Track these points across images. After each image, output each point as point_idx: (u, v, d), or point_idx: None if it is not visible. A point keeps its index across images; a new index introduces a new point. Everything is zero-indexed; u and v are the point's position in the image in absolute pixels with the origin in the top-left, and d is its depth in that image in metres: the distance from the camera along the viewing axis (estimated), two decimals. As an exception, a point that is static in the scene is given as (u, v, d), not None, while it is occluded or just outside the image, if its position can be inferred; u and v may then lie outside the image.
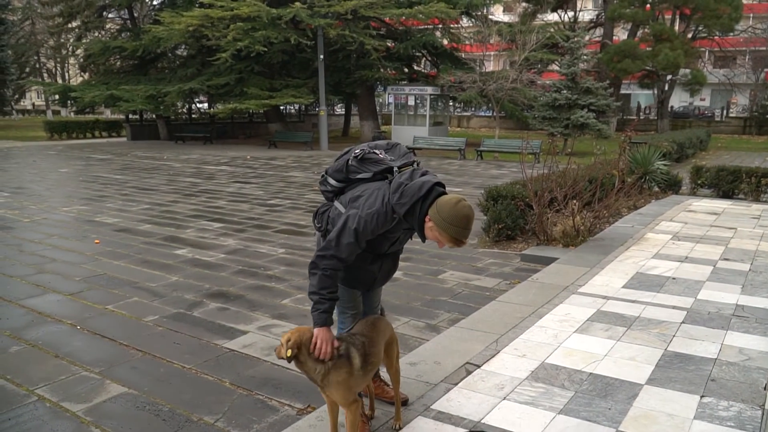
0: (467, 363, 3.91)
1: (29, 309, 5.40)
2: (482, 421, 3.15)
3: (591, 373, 3.70)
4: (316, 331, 2.72)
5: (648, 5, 27.61)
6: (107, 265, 6.89)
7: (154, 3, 32.76)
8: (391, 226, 2.77)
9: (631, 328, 4.46)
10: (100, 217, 9.89)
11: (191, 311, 5.35)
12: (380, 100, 39.70)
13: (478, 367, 3.83)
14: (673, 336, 4.29)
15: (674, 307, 4.91)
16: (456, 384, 3.62)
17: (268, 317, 5.18)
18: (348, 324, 3.26)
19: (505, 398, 3.40)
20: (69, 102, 31.11)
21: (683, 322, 4.56)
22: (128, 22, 33.29)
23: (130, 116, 31.58)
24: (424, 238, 2.80)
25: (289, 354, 2.65)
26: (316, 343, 2.70)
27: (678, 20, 30.06)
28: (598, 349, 4.06)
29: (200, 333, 4.82)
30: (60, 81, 52.00)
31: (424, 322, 5.04)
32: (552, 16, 35.92)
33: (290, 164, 19.36)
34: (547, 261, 6.63)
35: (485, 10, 29.41)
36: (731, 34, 31.02)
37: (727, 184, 11.26)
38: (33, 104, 64.63)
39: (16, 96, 52.65)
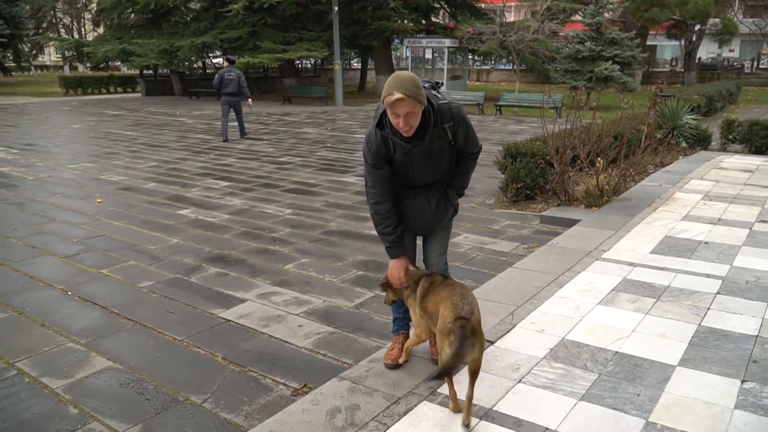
0: (479, 338, 3.56)
1: (22, 273, 5.16)
2: (494, 409, 2.82)
3: (617, 352, 3.33)
4: (390, 263, 3.10)
5: (677, -49, 26.16)
6: (107, 226, 6.63)
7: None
8: (381, 141, 2.87)
9: (661, 299, 4.06)
10: (106, 174, 9.63)
11: (189, 276, 5.06)
12: (397, 54, 38.66)
13: (492, 343, 3.48)
14: (708, 309, 3.89)
15: (708, 276, 4.49)
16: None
17: (268, 284, 4.87)
18: None
19: (520, 381, 3.06)
20: (84, 57, 30.71)
21: (718, 293, 4.15)
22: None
23: (145, 72, 31.16)
24: (398, 134, 2.80)
25: (381, 290, 3.24)
26: (393, 274, 3.08)
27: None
28: (625, 324, 3.68)
29: (196, 301, 4.54)
30: (76, 36, 51.51)
31: (435, 290, 4.69)
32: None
33: (304, 120, 18.89)
34: (569, 223, 6.21)
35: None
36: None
37: (760, 140, 10.66)
38: (51, 60, 64.27)
39: (34, 52, 52.26)
